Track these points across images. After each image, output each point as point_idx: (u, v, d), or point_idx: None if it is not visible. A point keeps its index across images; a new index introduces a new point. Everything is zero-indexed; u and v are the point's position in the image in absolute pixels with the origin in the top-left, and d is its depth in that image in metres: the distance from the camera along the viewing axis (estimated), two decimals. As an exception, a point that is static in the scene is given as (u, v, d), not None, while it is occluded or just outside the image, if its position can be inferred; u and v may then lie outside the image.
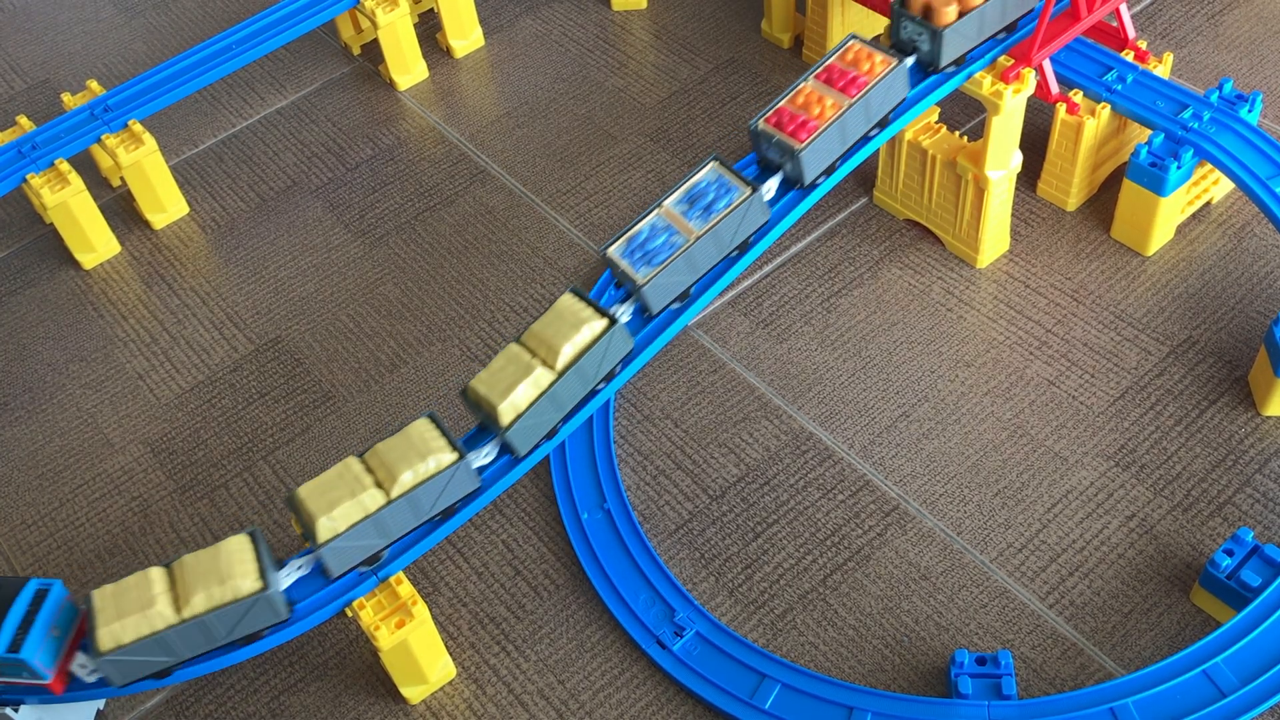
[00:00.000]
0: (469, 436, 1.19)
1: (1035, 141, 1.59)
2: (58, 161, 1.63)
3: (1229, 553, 1.16)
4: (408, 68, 1.88)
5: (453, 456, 1.11)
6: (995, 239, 1.50)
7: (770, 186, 1.26)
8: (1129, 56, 1.51)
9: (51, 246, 1.72)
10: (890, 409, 1.39)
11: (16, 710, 1.11)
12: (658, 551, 1.29)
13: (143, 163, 1.67)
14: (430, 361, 1.51)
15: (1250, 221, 1.52)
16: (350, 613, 1.14)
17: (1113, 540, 1.26)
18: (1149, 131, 1.52)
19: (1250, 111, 1.43)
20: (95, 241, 1.68)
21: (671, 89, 1.82)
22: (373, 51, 1.95)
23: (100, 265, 1.69)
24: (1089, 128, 1.46)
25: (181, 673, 1.09)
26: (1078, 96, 1.47)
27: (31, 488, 1.44)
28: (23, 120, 1.70)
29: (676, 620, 1.22)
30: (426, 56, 1.91)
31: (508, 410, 1.13)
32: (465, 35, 1.92)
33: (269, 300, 1.61)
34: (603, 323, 1.16)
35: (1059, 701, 1.10)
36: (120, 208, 1.76)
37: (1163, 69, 1.51)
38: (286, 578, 1.11)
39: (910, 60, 1.31)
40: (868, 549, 1.28)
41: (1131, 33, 1.52)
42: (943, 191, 1.49)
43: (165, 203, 1.72)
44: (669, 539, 1.31)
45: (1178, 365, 1.39)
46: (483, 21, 1.96)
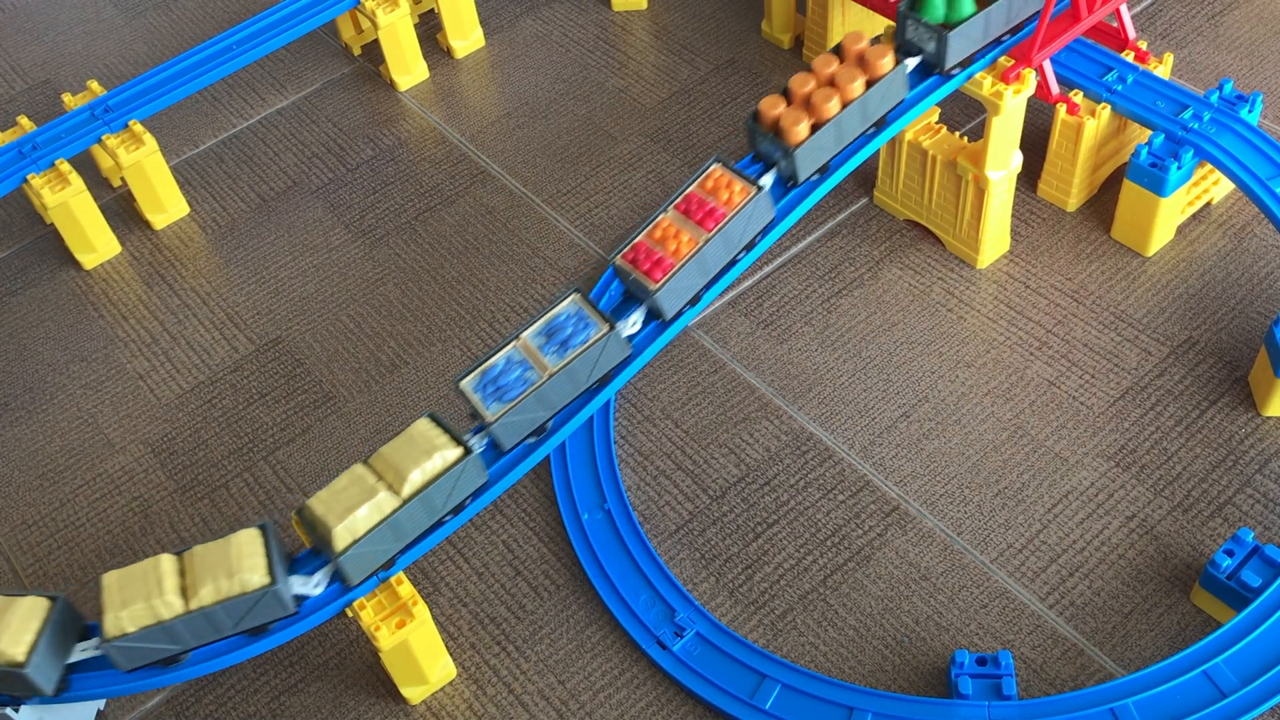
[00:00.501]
0: (302, 556, 1.14)
1: (1035, 142, 1.59)
2: (58, 162, 1.63)
3: (1229, 553, 1.16)
4: (408, 68, 1.88)
5: (458, 452, 1.11)
6: (995, 239, 1.50)
7: (635, 320, 1.21)
8: (1129, 57, 1.51)
9: (52, 247, 1.72)
10: (890, 409, 1.39)
11: (17, 710, 1.11)
12: (658, 552, 1.29)
13: (143, 163, 1.67)
14: (430, 362, 1.51)
15: (1250, 222, 1.52)
16: (350, 613, 1.14)
17: (1113, 541, 1.26)
18: (1149, 132, 1.52)
19: (1250, 112, 1.43)
20: (96, 242, 1.68)
21: (672, 89, 1.82)
22: (373, 52, 1.96)
23: (101, 265, 1.69)
24: (1089, 128, 1.46)
25: (188, 666, 1.10)
26: (1078, 97, 1.47)
27: (32, 488, 1.44)
28: (23, 120, 1.70)
29: (677, 620, 1.22)
30: (427, 57, 1.91)
31: (343, 534, 1.08)
32: (466, 35, 1.92)
33: (269, 300, 1.61)
34: (456, 452, 1.11)
35: (1059, 702, 1.10)
36: (121, 208, 1.76)
37: (1163, 69, 1.51)
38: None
39: (770, 180, 1.26)
40: (868, 549, 1.28)
41: (1132, 33, 1.52)
42: (943, 192, 1.49)
43: (166, 203, 1.72)
44: (669, 539, 1.31)
45: (1178, 366, 1.39)
46: (483, 22, 1.96)
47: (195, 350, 1.56)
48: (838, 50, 1.28)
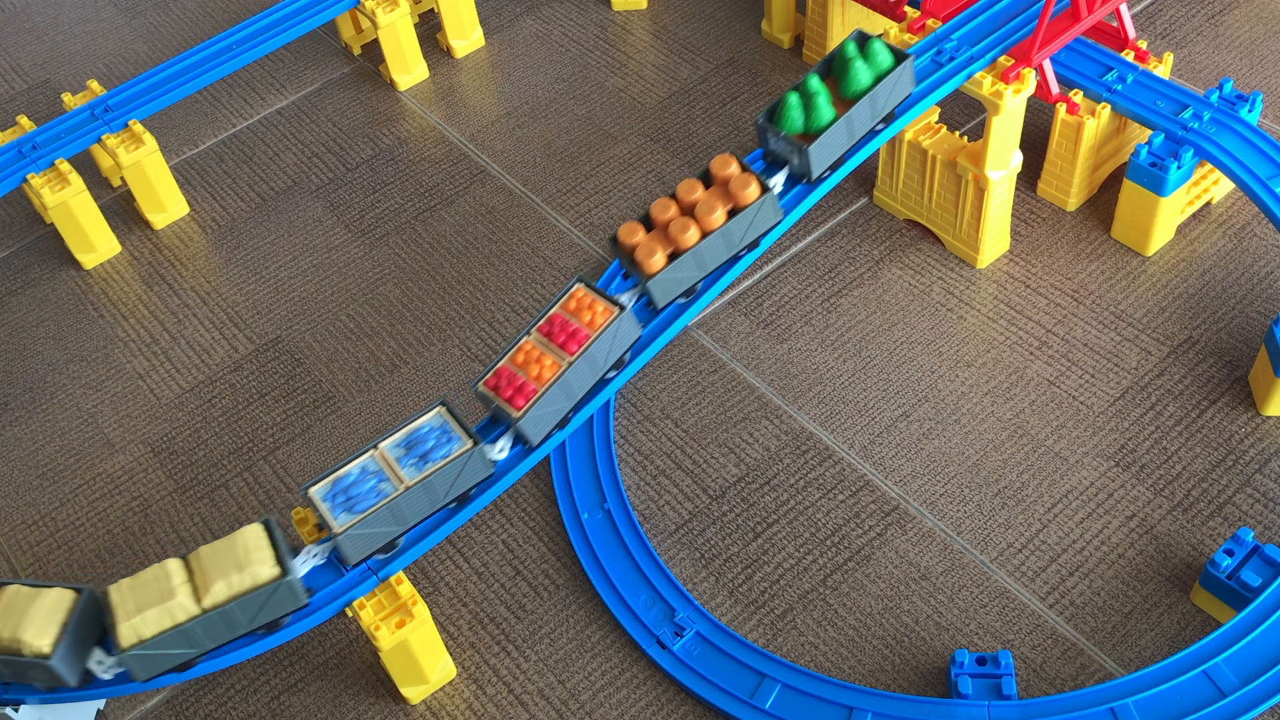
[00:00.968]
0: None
1: (1035, 141, 1.59)
2: (58, 161, 1.63)
3: (1229, 553, 1.16)
4: (408, 68, 1.88)
5: (274, 571, 1.08)
6: (995, 239, 1.50)
7: (502, 446, 1.17)
8: (1129, 56, 1.51)
9: (52, 246, 1.72)
10: (890, 409, 1.39)
11: (17, 710, 1.11)
12: (658, 551, 1.29)
13: (143, 163, 1.67)
14: (430, 362, 1.51)
15: (1250, 221, 1.52)
16: (350, 613, 1.14)
17: (1113, 540, 1.26)
18: (1149, 131, 1.52)
19: (1250, 112, 1.43)
20: (95, 241, 1.68)
21: (672, 89, 1.82)
22: (373, 51, 1.96)
23: (101, 265, 1.69)
24: (1089, 128, 1.46)
25: (204, 665, 1.10)
26: (1078, 96, 1.47)
27: (32, 487, 1.44)
28: (23, 120, 1.70)
29: (677, 620, 1.22)
30: (427, 56, 1.91)
31: (127, 633, 1.04)
32: (465, 35, 1.92)
33: (269, 300, 1.61)
34: (273, 572, 1.07)
35: (1059, 701, 1.10)
36: (120, 208, 1.76)
37: (1163, 69, 1.51)
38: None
39: (632, 306, 1.22)
40: (868, 549, 1.28)
41: (1132, 33, 1.52)
42: (943, 191, 1.49)
43: (166, 203, 1.72)
44: (669, 539, 1.31)
45: (1178, 365, 1.39)
46: (483, 21, 1.96)
47: (195, 350, 1.56)
48: (705, 176, 1.24)
